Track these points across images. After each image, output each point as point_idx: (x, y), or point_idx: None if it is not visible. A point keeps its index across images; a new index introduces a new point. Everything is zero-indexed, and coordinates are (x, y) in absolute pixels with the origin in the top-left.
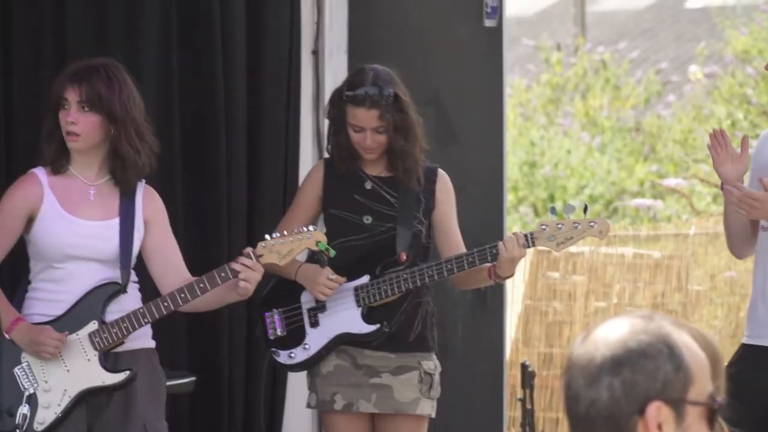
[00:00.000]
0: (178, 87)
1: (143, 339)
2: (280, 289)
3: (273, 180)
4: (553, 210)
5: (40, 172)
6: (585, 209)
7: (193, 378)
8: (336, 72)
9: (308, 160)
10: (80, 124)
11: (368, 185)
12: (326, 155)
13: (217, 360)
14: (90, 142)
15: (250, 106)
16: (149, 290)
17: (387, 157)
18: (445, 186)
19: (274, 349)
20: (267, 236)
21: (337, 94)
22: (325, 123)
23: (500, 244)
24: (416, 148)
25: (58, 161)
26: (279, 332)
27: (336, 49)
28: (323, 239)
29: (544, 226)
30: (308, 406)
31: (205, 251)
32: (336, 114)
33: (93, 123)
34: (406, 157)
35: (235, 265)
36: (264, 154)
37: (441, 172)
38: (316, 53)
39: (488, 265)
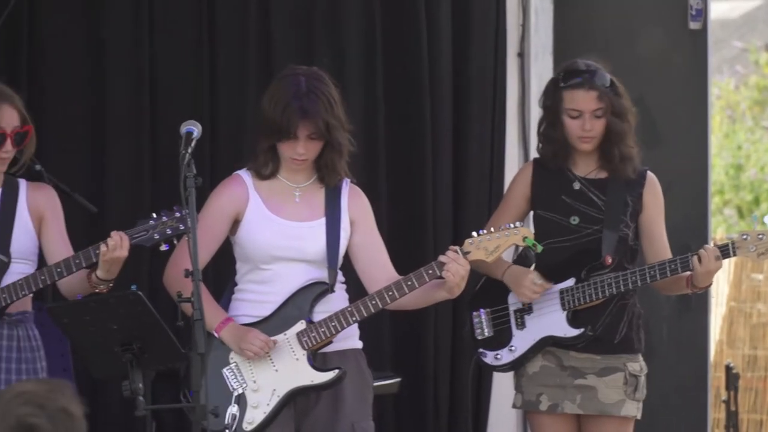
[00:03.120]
0: (383, 91)
1: (351, 339)
2: (488, 289)
3: (479, 181)
4: (755, 219)
5: (244, 174)
6: None
7: (399, 379)
8: (541, 74)
9: (514, 161)
10: (307, 151)
11: (576, 186)
12: (533, 156)
13: (423, 360)
14: (312, 160)
15: (455, 108)
16: (354, 289)
17: (600, 151)
18: (653, 189)
19: (481, 350)
20: (474, 233)
21: (552, 83)
22: (531, 125)
23: (694, 257)
24: (630, 135)
25: (271, 171)
26: (486, 332)
27: (542, 51)
28: (530, 235)
29: (745, 236)
30: (514, 406)
31: (411, 250)
32: (551, 103)
33: (318, 147)
34: (623, 140)
35: (442, 257)
36: (470, 155)
37: (650, 174)
38: (522, 55)
39: (687, 274)
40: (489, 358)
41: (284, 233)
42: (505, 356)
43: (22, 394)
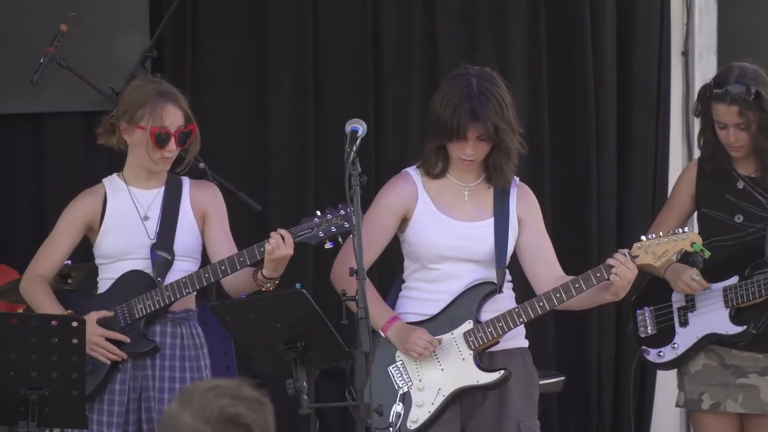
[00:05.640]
0: (548, 89)
1: (517, 338)
2: (652, 288)
3: (642, 180)
4: None
5: (413, 172)
6: None
7: (563, 377)
8: (705, 73)
9: (678, 160)
10: (476, 152)
11: (740, 185)
12: (697, 155)
13: (586, 359)
14: (480, 160)
15: (619, 106)
16: (520, 288)
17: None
18: None
19: (644, 347)
20: (643, 237)
21: (704, 90)
22: (695, 125)
23: None
24: None
25: (440, 170)
26: (650, 330)
27: (705, 50)
28: (698, 240)
29: None
30: (677, 404)
31: (575, 252)
32: (703, 110)
33: (486, 148)
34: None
35: (610, 260)
36: (634, 154)
37: None
38: (686, 54)
39: None
40: (652, 355)
41: (454, 233)
42: (668, 353)
43: (214, 388)
